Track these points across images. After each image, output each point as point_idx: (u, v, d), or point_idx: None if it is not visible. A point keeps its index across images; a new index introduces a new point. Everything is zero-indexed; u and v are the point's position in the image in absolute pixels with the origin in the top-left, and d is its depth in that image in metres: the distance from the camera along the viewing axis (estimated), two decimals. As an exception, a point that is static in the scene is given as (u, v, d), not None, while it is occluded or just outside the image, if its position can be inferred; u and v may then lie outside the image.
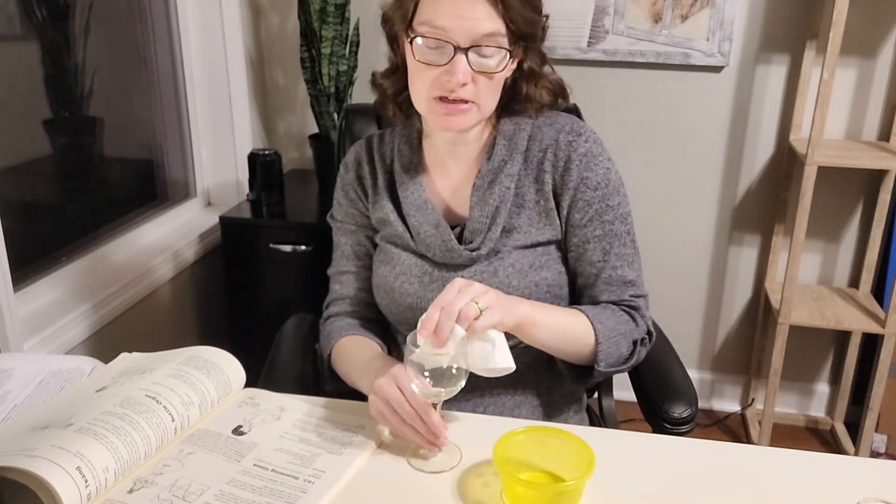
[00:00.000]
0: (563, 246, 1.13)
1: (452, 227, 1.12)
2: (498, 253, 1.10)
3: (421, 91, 1.04)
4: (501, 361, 0.91)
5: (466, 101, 1.02)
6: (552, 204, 1.11)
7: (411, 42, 1.02)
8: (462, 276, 1.09)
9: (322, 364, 1.21)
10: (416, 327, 1.13)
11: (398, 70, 1.11)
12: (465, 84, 1.00)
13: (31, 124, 1.77)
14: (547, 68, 1.13)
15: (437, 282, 1.11)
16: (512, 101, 1.12)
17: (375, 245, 1.21)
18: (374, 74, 1.16)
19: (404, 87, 1.10)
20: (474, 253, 1.09)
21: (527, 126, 1.12)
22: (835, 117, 2.13)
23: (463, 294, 0.89)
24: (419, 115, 1.14)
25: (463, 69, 0.99)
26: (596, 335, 1.04)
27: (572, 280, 1.14)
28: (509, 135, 1.12)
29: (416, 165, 1.15)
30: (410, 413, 0.89)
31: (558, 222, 1.11)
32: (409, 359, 0.87)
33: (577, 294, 1.15)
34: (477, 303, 0.89)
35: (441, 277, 1.11)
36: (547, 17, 1.09)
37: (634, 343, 1.09)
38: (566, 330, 1.04)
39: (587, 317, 1.05)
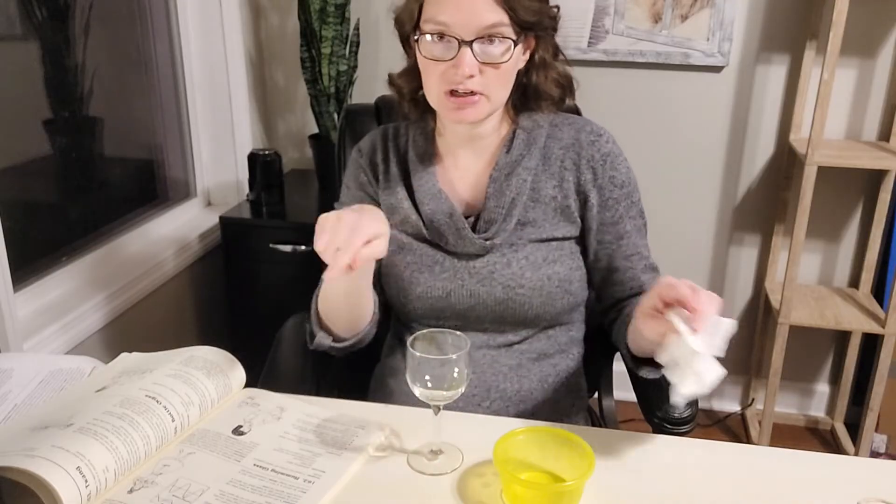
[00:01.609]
0: (584, 242, 1.16)
1: (466, 218, 1.13)
2: (512, 245, 1.12)
3: (432, 87, 1.07)
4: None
5: (475, 94, 1.04)
6: (571, 201, 1.14)
7: (418, 40, 1.04)
8: (475, 266, 1.12)
9: (309, 319, 1.16)
10: (426, 317, 1.13)
11: (413, 69, 1.14)
12: (471, 76, 1.02)
13: (31, 124, 1.77)
14: (559, 60, 1.15)
15: (448, 271, 1.13)
16: (524, 97, 1.15)
17: None
18: (390, 76, 1.19)
19: (419, 86, 1.13)
20: (488, 242, 1.11)
21: (545, 124, 1.16)
22: (835, 117, 2.13)
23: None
24: (433, 114, 1.17)
25: (469, 62, 1.01)
26: None
27: (607, 274, 1.16)
28: (528, 129, 1.15)
29: (430, 156, 1.17)
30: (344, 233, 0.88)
31: (577, 219, 1.14)
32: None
33: (616, 288, 1.16)
34: None
35: (453, 267, 1.13)
36: (558, 7, 1.12)
37: None
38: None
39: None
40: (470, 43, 1.01)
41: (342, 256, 0.88)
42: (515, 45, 1.04)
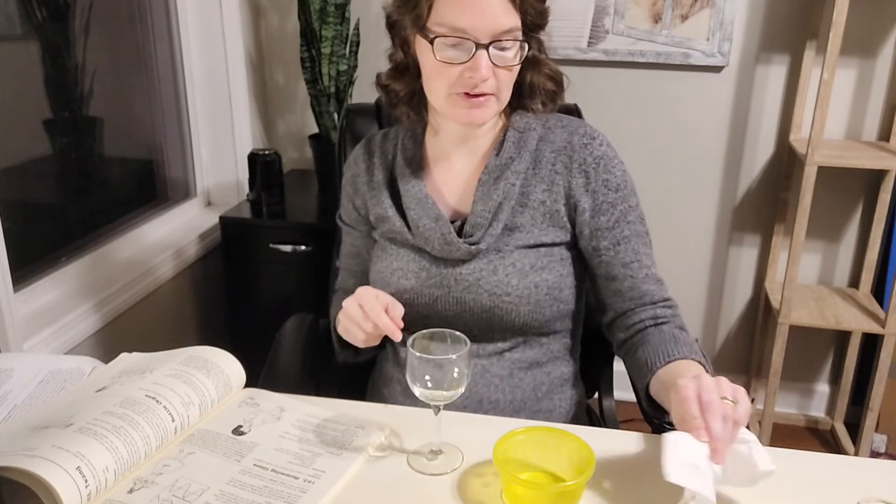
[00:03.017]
0: (584, 248, 1.13)
1: (452, 223, 1.12)
2: (499, 251, 1.09)
3: (441, 89, 1.05)
4: (764, 464, 0.79)
5: (486, 94, 1.04)
6: (560, 206, 1.11)
7: (431, 42, 1.02)
8: (461, 272, 1.09)
9: (332, 334, 1.23)
10: (413, 324, 1.11)
11: (408, 71, 1.11)
12: (486, 79, 1.02)
13: (31, 124, 1.77)
14: (544, 56, 1.14)
15: (434, 278, 1.11)
16: (518, 95, 1.13)
17: (373, 242, 1.21)
18: (378, 76, 1.16)
19: (414, 87, 1.11)
20: (473, 247, 1.09)
21: (537, 126, 1.13)
22: (835, 117, 2.13)
23: (710, 392, 0.80)
24: (427, 112, 1.15)
25: (486, 65, 1.01)
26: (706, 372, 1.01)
27: (606, 282, 1.13)
28: (520, 129, 1.13)
29: (418, 160, 1.16)
30: (361, 315, 1.01)
31: (567, 224, 1.12)
32: None
33: (616, 297, 1.13)
34: (725, 397, 0.81)
35: (439, 273, 1.11)
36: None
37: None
38: None
39: (699, 362, 1.01)
40: (486, 46, 1.00)
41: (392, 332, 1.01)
42: (529, 47, 1.05)
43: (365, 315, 1.01)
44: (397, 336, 1.00)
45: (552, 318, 1.12)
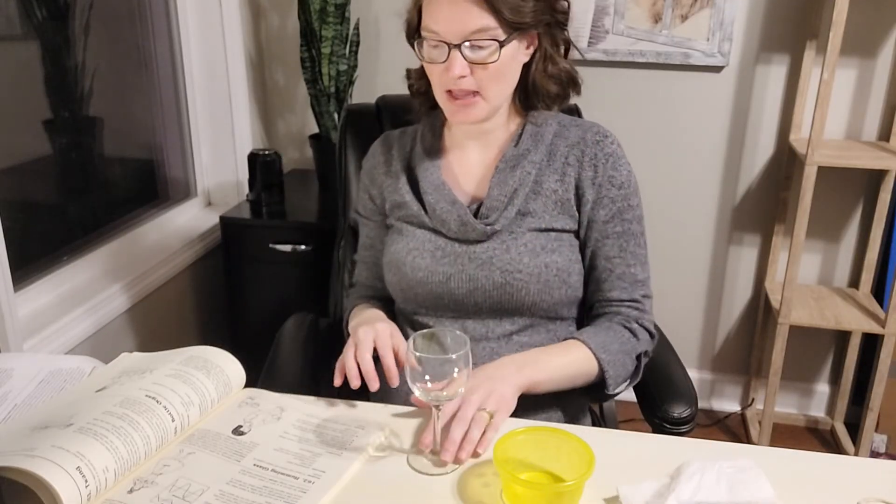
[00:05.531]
0: (581, 238, 1.18)
1: (468, 207, 1.17)
2: (512, 233, 1.14)
3: (434, 87, 1.13)
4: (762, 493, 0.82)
5: (474, 94, 1.09)
6: (570, 195, 1.16)
7: (420, 45, 1.10)
8: (475, 251, 1.14)
9: (345, 330, 1.27)
10: (425, 305, 1.16)
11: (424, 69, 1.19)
12: (463, 77, 1.07)
13: (31, 124, 1.77)
14: (564, 57, 1.18)
15: (448, 256, 1.15)
16: (525, 94, 1.18)
17: (386, 231, 1.26)
18: (408, 71, 1.25)
19: (429, 84, 1.18)
20: (489, 228, 1.14)
21: (553, 123, 1.19)
22: (835, 117, 2.13)
23: (469, 405, 0.93)
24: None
25: (459, 64, 1.06)
26: (600, 365, 1.09)
27: (588, 273, 1.19)
28: (538, 124, 1.18)
29: (436, 149, 1.22)
30: (352, 365, 1.01)
31: (576, 213, 1.17)
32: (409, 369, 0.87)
33: (592, 287, 1.19)
34: (484, 409, 0.93)
35: (454, 252, 1.15)
36: (568, 1, 1.14)
37: (638, 357, 1.15)
38: (570, 373, 1.10)
39: (590, 349, 1.10)
40: (458, 46, 1.05)
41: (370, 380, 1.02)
42: (502, 45, 1.06)
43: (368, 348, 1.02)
44: (375, 385, 1.00)
45: (560, 302, 1.16)
